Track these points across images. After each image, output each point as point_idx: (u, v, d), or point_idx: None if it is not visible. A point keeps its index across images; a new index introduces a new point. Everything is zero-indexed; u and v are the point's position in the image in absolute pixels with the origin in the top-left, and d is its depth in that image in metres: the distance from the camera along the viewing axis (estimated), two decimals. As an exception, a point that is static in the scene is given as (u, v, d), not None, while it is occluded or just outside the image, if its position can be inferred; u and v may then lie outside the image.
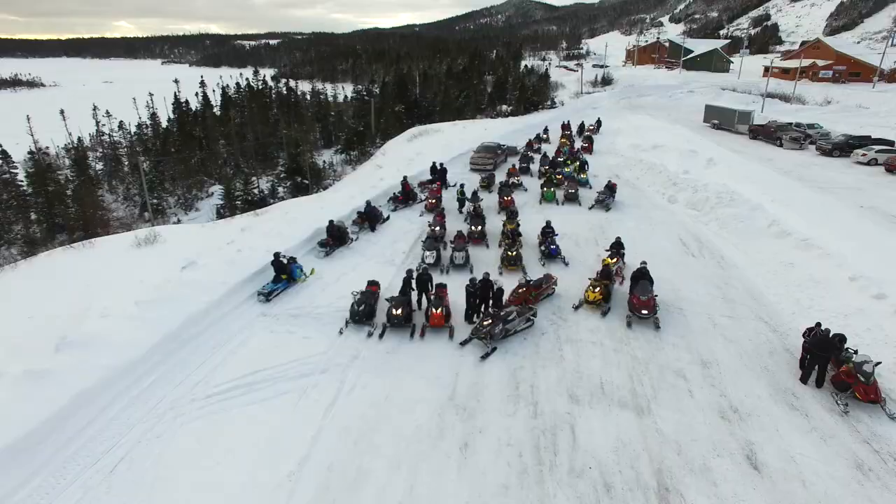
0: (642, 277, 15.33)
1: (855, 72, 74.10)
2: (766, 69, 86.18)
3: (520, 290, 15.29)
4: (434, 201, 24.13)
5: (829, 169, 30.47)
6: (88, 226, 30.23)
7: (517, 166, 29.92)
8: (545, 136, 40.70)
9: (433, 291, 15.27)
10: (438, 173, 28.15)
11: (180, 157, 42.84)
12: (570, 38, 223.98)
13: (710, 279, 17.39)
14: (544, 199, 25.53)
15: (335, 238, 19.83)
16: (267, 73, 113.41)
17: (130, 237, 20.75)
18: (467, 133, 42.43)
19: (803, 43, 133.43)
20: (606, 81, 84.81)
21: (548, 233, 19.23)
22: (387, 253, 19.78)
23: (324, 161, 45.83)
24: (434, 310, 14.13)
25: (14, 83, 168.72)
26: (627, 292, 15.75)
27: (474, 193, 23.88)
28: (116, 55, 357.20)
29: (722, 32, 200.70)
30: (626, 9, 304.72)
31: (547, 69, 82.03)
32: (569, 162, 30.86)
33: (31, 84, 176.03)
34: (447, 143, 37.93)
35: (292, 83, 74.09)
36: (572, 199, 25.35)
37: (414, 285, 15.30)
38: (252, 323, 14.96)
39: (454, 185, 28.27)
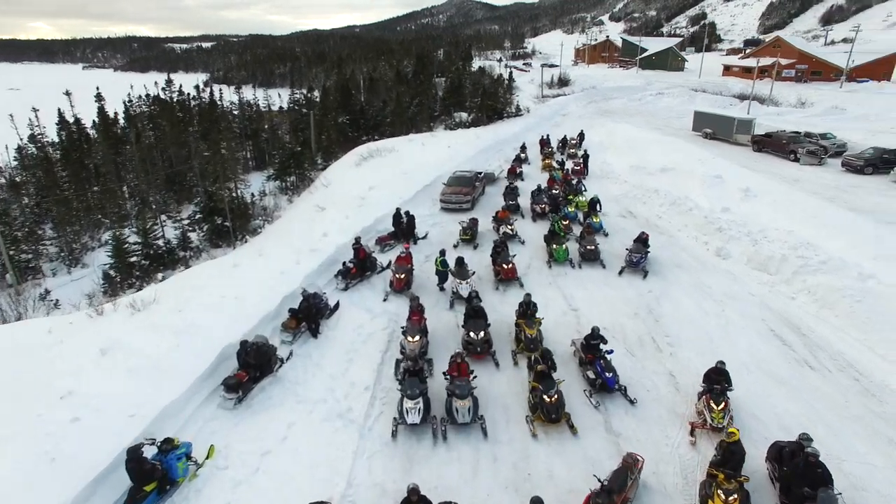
0: (811, 472, 8.40)
1: (816, 71, 71.98)
2: (726, 67, 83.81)
3: (598, 516, 8.17)
4: (403, 276, 16.53)
5: (873, 192, 25.07)
6: None
7: (506, 207, 22.70)
8: (524, 155, 33.48)
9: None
10: (406, 225, 20.40)
11: (57, 198, 32.99)
12: (513, 38, 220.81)
13: (864, 421, 10.81)
14: (554, 260, 18.36)
15: (252, 368, 12.07)
16: (192, 79, 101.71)
17: None
18: (428, 153, 34.99)
19: (749, 42, 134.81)
20: (563, 82, 79.24)
21: (594, 345, 12.19)
22: (338, 392, 12.08)
23: (252, 194, 37.19)
24: None
25: None
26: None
27: (460, 263, 16.35)
28: (30, 58, 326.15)
29: (664, 30, 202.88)
30: (566, 8, 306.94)
31: (511, 73, 74.88)
32: (570, 197, 23.90)
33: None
34: (405, 170, 30.28)
35: (218, 92, 63.93)
36: (593, 258, 18.35)
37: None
38: None
39: (424, 237, 20.97)
